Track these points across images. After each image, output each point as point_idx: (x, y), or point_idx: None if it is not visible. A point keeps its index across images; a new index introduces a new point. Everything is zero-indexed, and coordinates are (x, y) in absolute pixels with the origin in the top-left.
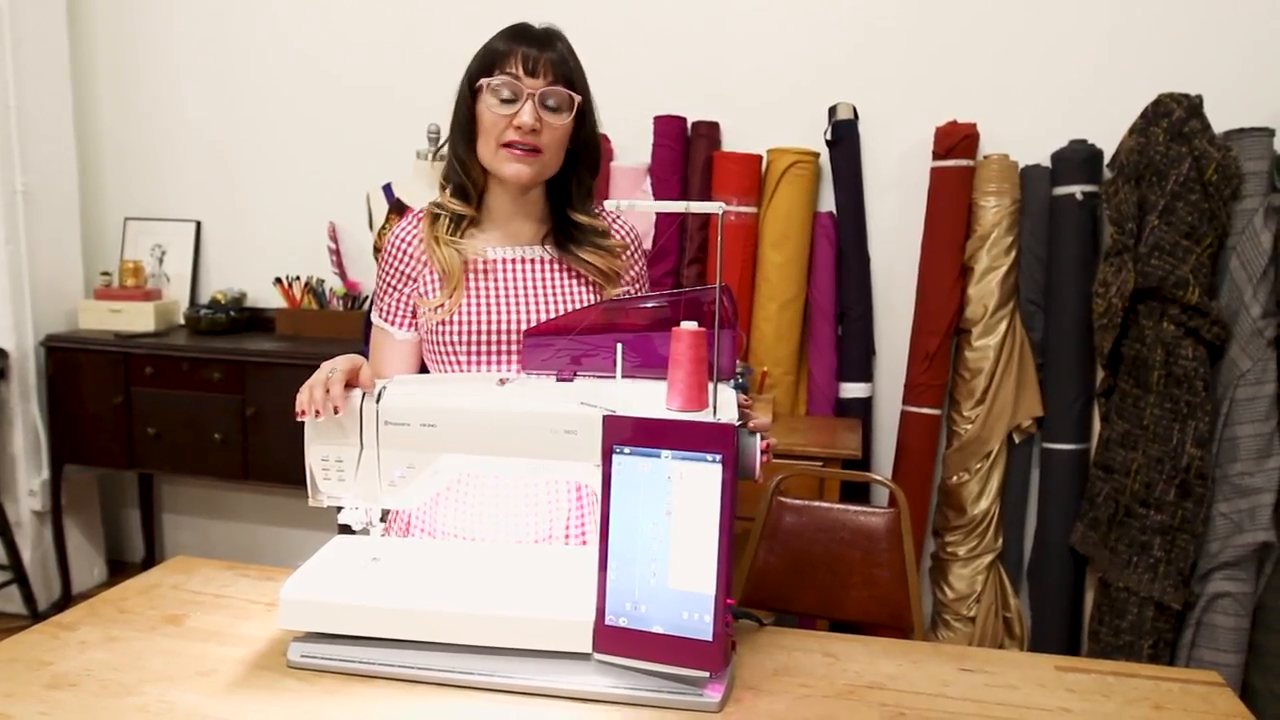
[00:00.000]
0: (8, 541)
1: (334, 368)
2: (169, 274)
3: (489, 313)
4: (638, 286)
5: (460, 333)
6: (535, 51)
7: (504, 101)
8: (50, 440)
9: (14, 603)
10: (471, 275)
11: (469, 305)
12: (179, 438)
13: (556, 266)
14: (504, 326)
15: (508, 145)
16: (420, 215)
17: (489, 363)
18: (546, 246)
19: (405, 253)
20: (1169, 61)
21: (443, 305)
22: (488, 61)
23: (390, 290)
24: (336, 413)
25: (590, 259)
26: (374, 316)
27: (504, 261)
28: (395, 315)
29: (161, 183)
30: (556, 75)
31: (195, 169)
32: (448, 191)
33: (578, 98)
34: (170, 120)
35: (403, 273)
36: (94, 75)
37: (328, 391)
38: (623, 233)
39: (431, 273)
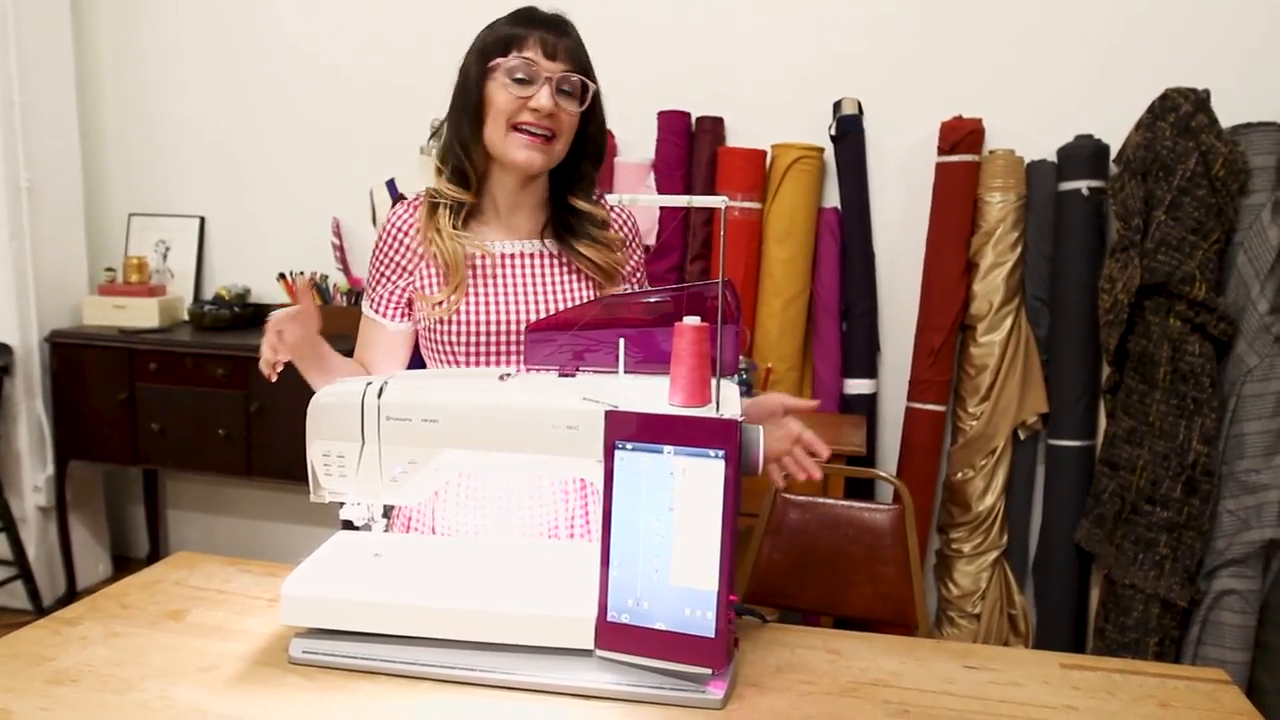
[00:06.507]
0: (12, 537)
1: (273, 318)
2: (173, 270)
3: (488, 311)
4: (636, 279)
5: (459, 331)
6: (553, 37)
7: (518, 82)
8: (55, 436)
9: (19, 598)
10: (470, 272)
11: (468, 303)
12: (183, 434)
13: (555, 262)
14: (503, 324)
15: (518, 129)
16: (417, 203)
17: (488, 360)
18: (545, 240)
19: (401, 243)
20: (1176, 56)
21: (443, 302)
22: (502, 42)
23: (383, 280)
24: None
25: (588, 253)
26: (364, 306)
27: (503, 257)
28: (387, 306)
29: (166, 178)
30: (573, 61)
31: (199, 165)
32: (444, 176)
33: (593, 85)
34: (174, 116)
35: (397, 264)
36: (98, 71)
37: (279, 334)
38: (619, 223)
39: (429, 266)
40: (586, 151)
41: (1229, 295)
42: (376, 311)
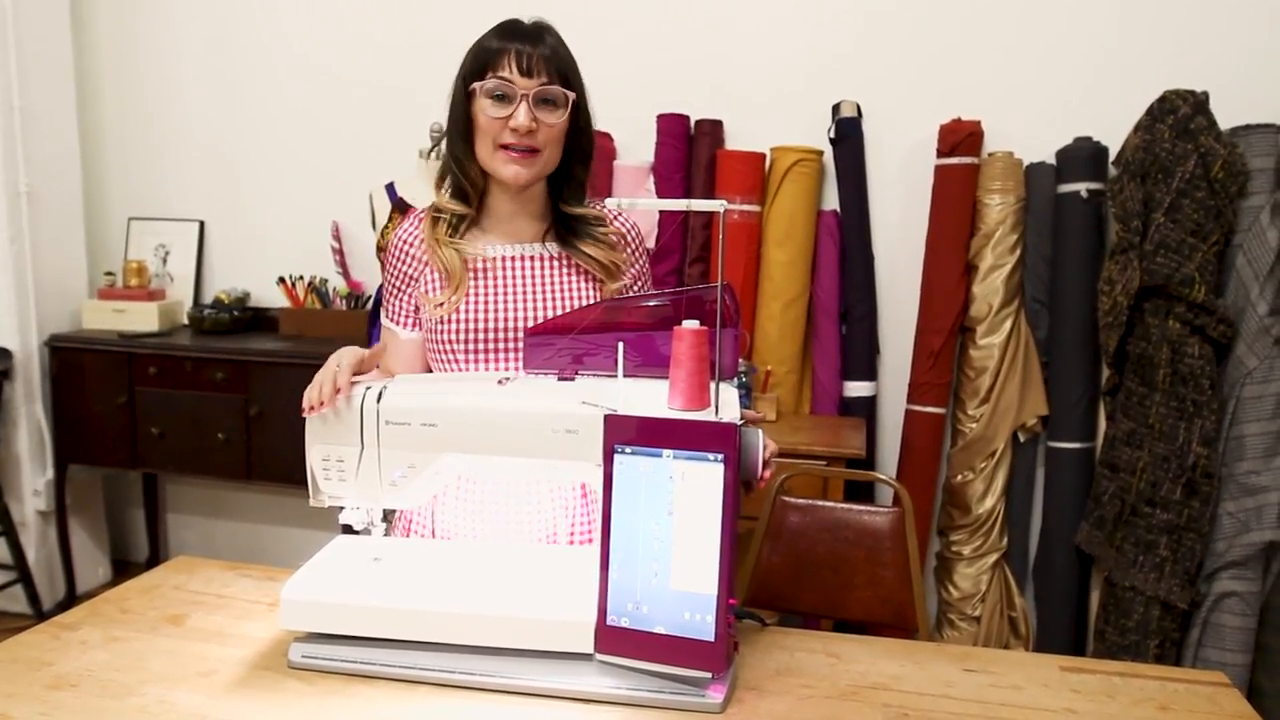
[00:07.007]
0: (12, 542)
1: (339, 362)
2: (173, 274)
3: (488, 311)
4: (640, 284)
5: (459, 331)
6: (528, 49)
7: (497, 102)
8: (54, 440)
9: (19, 603)
10: (472, 274)
11: (468, 304)
12: (183, 438)
13: (558, 263)
14: (504, 325)
15: (504, 147)
16: (421, 216)
17: (488, 362)
18: (548, 244)
19: (407, 253)
20: (1174, 57)
21: (443, 304)
22: (480, 62)
23: (395, 292)
24: (338, 392)
25: (591, 252)
26: (382, 317)
27: (504, 260)
28: (400, 315)
29: (165, 182)
30: (550, 73)
31: (199, 169)
32: (446, 193)
33: (572, 95)
34: (174, 120)
35: (405, 274)
36: (97, 75)
37: (336, 390)
38: (625, 228)
39: (433, 271)
40: (574, 154)
41: (1228, 297)
42: (391, 320)
